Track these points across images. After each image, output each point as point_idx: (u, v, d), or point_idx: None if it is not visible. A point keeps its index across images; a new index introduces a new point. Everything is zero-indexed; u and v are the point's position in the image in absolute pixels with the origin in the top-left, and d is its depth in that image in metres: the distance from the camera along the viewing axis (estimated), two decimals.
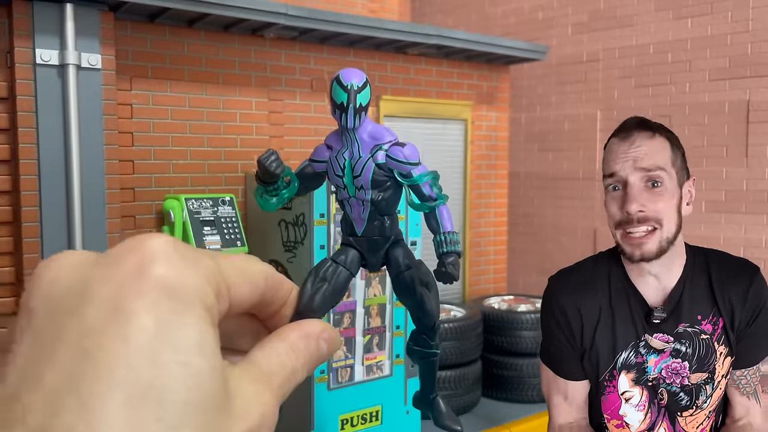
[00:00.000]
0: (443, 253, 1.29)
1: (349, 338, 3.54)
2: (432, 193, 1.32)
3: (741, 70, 4.55)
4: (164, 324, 0.28)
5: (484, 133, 5.21)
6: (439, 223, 1.32)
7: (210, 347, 0.30)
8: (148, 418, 0.26)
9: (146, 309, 0.28)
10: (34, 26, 3.15)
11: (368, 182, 1.27)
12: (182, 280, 0.30)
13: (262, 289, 0.38)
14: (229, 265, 0.35)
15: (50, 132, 3.20)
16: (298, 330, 0.39)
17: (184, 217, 3.43)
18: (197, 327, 0.30)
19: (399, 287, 1.32)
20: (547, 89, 5.67)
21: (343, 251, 1.28)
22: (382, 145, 1.30)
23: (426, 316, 1.30)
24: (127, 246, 0.31)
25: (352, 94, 1.22)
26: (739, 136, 4.57)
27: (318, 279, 1.18)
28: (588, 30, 5.39)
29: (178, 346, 0.28)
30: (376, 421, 3.63)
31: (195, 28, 3.79)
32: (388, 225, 1.29)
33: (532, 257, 5.77)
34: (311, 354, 0.39)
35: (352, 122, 1.22)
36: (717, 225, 4.67)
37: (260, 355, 0.36)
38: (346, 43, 4.33)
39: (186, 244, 0.32)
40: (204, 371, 0.29)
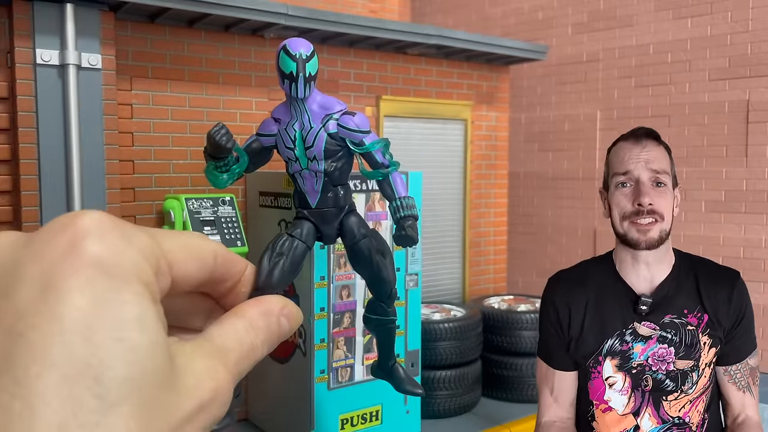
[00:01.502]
0: (401, 218, 1.30)
1: (349, 338, 3.54)
2: (384, 160, 1.31)
3: (741, 70, 4.55)
4: (99, 301, 0.28)
5: (484, 133, 5.21)
6: (393, 189, 1.32)
7: (149, 322, 0.29)
8: (85, 395, 0.26)
9: (80, 287, 0.28)
10: (35, 26, 3.15)
11: (321, 152, 1.26)
12: (117, 256, 0.29)
13: (210, 266, 0.38)
14: (172, 242, 0.34)
15: (50, 132, 3.20)
16: (257, 306, 0.38)
17: (184, 217, 3.44)
18: (135, 302, 0.29)
19: (355, 257, 1.33)
20: (547, 89, 5.67)
21: (297, 225, 1.29)
22: (333, 114, 1.28)
23: (383, 284, 1.31)
24: (58, 223, 0.30)
25: (300, 63, 1.20)
26: (738, 136, 4.57)
27: (275, 254, 1.18)
28: (588, 30, 5.39)
29: (114, 322, 0.28)
30: (376, 420, 3.63)
31: (195, 28, 3.79)
32: (342, 195, 1.29)
33: (532, 257, 5.77)
34: (271, 331, 0.38)
35: (303, 92, 1.22)
36: (717, 225, 4.67)
37: (216, 331, 0.35)
38: (346, 43, 4.33)
39: (122, 221, 0.32)
40: (143, 346, 0.28)
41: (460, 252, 5.18)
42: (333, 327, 3.47)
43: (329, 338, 3.46)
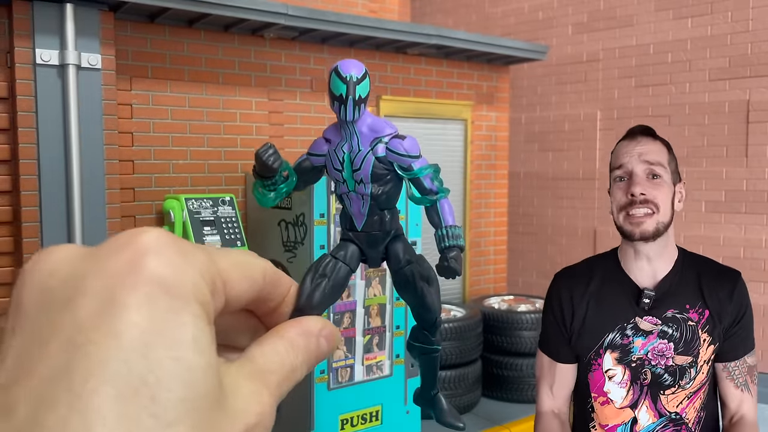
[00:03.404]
0: (446, 248, 1.27)
1: (349, 338, 3.54)
2: (433, 187, 1.29)
3: (741, 70, 4.54)
4: (158, 319, 0.28)
5: (484, 133, 5.21)
6: (440, 217, 1.30)
7: (205, 344, 0.29)
8: (141, 413, 0.26)
9: (139, 304, 0.28)
10: (34, 26, 3.15)
11: (368, 176, 1.24)
12: (176, 275, 0.29)
13: (260, 285, 0.38)
14: (225, 260, 0.34)
15: (50, 132, 3.20)
16: (297, 327, 0.38)
17: (184, 217, 3.43)
18: (192, 323, 0.29)
19: (399, 282, 1.30)
20: (547, 89, 5.67)
21: (342, 246, 1.26)
22: (382, 138, 1.27)
23: (427, 312, 1.28)
24: (121, 239, 0.30)
25: (351, 85, 1.19)
26: (739, 136, 4.57)
27: (317, 275, 1.16)
28: (588, 30, 5.39)
29: (172, 341, 0.28)
30: (376, 421, 3.63)
31: (195, 28, 3.79)
32: (388, 219, 1.27)
33: (532, 257, 5.77)
34: (310, 352, 0.38)
35: (351, 114, 1.20)
36: (717, 225, 4.67)
37: (258, 352, 0.35)
38: (346, 43, 4.33)
39: (181, 239, 0.32)
40: (199, 368, 0.28)
41: None
42: None
43: None
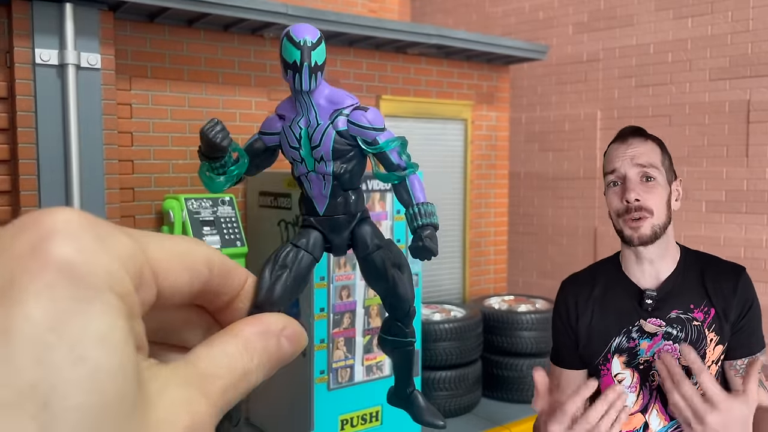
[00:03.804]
0: (419, 226, 1.13)
1: (349, 338, 3.53)
2: (401, 162, 1.16)
3: (741, 69, 4.54)
4: (59, 312, 0.24)
5: (484, 133, 5.20)
6: (411, 194, 1.16)
7: (117, 341, 0.25)
8: (29, 425, 0.22)
9: (37, 294, 0.23)
10: (34, 26, 3.14)
11: (329, 153, 1.11)
12: (87, 261, 0.25)
13: (205, 276, 0.33)
14: (159, 247, 0.30)
15: (49, 132, 3.19)
16: (255, 325, 0.34)
17: (183, 217, 3.43)
18: (102, 317, 0.24)
19: (368, 270, 1.17)
20: (547, 89, 5.66)
21: (303, 234, 1.13)
22: (343, 110, 1.13)
23: (400, 301, 1.15)
24: (24, 220, 0.26)
25: (305, 51, 1.05)
26: (739, 136, 4.56)
27: (277, 266, 1.03)
28: (588, 30, 5.38)
29: (74, 339, 0.23)
30: (376, 421, 3.62)
31: (195, 28, 3.78)
32: (353, 201, 1.13)
33: (533, 257, 5.77)
34: (269, 354, 0.33)
35: (308, 83, 1.06)
36: (717, 225, 4.66)
37: (204, 353, 0.31)
38: (346, 42, 4.32)
39: (101, 221, 0.28)
40: (106, 370, 0.24)
41: (460, 252, 5.17)
42: (333, 327, 3.47)
43: (329, 339, 3.45)
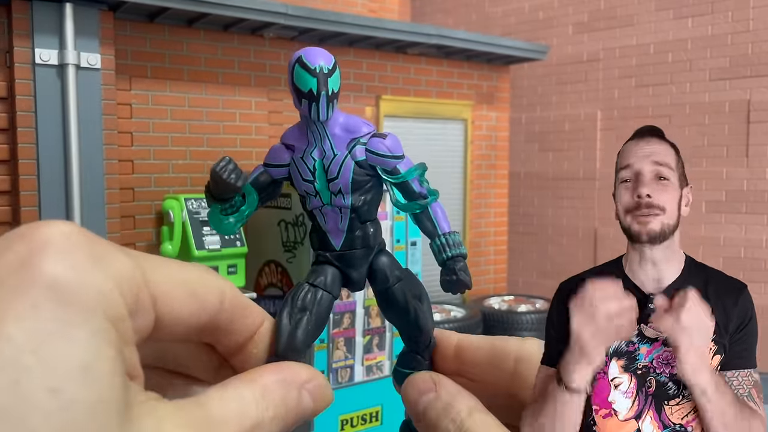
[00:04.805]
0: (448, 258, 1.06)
1: (349, 339, 3.53)
2: (422, 190, 1.10)
3: (741, 69, 4.54)
4: (41, 335, 0.22)
5: (484, 133, 5.20)
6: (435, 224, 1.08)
7: (100, 373, 0.22)
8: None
9: (20, 314, 0.22)
10: (34, 26, 3.14)
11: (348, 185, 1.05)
12: (78, 280, 0.23)
13: (214, 308, 0.30)
14: (163, 272, 0.28)
15: (49, 132, 3.19)
16: (276, 373, 0.31)
17: (183, 217, 3.43)
18: (88, 344, 0.22)
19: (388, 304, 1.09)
20: (547, 89, 5.66)
21: (320, 271, 1.06)
22: (360, 138, 1.08)
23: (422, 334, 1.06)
24: (16, 233, 0.24)
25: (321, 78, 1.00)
26: (739, 136, 4.56)
27: (296, 309, 0.96)
28: (588, 30, 5.38)
29: (52, 366, 0.21)
30: (376, 421, 3.62)
31: (195, 28, 3.78)
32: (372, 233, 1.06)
33: (532, 257, 5.76)
34: (288, 407, 0.30)
35: (325, 113, 1.01)
36: (717, 225, 4.66)
37: (216, 396, 0.28)
38: (346, 42, 4.32)
39: (99, 237, 0.25)
40: (82, 404, 0.21)
41: None
42: (333, 327, 3.46)
43: (329, 339, 3.45)
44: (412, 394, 0.38)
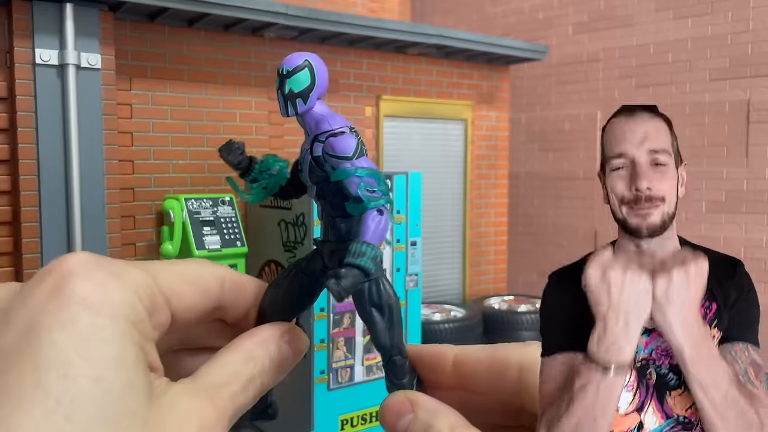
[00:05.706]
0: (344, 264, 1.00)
1: (349, 339, 3.53)
2: (358, 194, 1.06)
3: (741, 70, 4.54)
4: (79, 338, 0.28)
5: (484, 133, 5.20)
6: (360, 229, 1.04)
7: (129, 362, 0.29)
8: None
9: (60, 325, 0.28)
10: (34, 26, 3.14)
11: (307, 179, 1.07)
12: (101, 294, 0.29)
13: (216, 293, 0.37)
14: (170, 274, 0.34)
15: (50, 132, 3.19)
16: (253, 336, 0.37)
17: (183, 217, 3.43)
18: (116, 342, 0.28)
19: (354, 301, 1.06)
20: (547, 89, 5.67)
21: (308, 255, 1.09)
22: (319, 136, 1.09)
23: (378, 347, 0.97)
24: (45, 268, 0.30)
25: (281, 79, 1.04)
26: (739, 136, 4.56)
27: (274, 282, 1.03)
28: (588, 30, 5.39)
29: (92, 361, 0.27)
30: (376, 421, 3.62)
31: (195, 28, 3.78)
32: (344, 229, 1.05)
33: (533, 257, 5.77)
34: (271, 359, 0.37)
35: (284, 110, 1.04)
36: (717, 225, 4.66)
37: (205, 369, 0.34)
38: (346, 42, 4.32)
39: (111, 259, 0.32)
40: (119, 388, 0.28)
41: (460, 252, 5.17)
42: (333, 327, 3.47)
43: (329, 339, 3.45)
44: (390, 418, 0.41)
